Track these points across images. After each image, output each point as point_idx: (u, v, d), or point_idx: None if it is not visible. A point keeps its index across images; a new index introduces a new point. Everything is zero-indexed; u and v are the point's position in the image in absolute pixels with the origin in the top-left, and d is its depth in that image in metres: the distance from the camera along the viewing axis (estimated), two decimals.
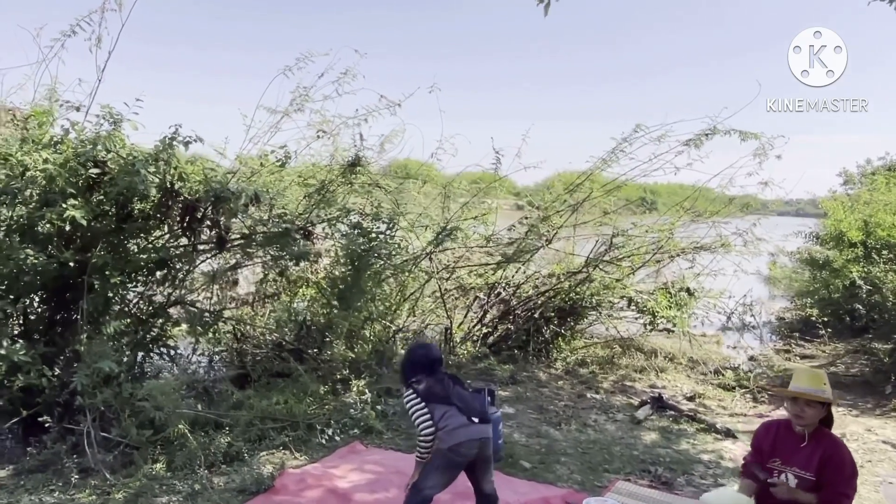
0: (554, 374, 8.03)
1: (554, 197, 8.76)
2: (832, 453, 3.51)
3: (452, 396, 3.58)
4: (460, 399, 3.61)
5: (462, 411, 3.54)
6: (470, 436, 3.51)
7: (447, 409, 3.52)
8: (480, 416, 3.62)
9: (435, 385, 3.59)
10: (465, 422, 3.51)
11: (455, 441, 3.46)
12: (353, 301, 6.62)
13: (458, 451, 3.48)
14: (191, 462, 4.68)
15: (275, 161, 6.29)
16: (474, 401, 3.72)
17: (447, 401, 3.55)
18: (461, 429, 3.49)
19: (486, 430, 3.62)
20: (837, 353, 9.88)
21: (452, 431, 3.46)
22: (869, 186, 15.11)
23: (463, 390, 3.73)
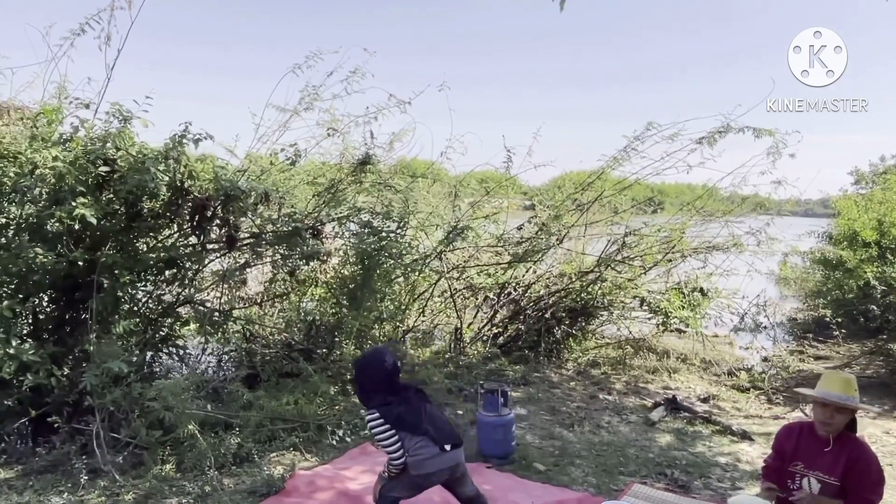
0: (566, 375, 7.95)
1: (565, 196, 8.67)
2: (858, 458, 3.42)
3: (424, 422, 3.38)
4: (433, 424, 3.42)
5: (435, 441, 3.37)
6: (441, 465, 3.39)
7: (419, 440, 3.35)
8: (453, 441, 3.46)
9: (404, 412, 3.36)
10: (436, 452, 3.37)
11: (425, 471, 3.35)
12: (363, 301, 6.56)
13: (427, 478, 3.40)
14: (200, 463, 4.63)
15: (285, 159, 6.23)
16: (446, 424, 3.53)
17: (418, 429, 3.36)
18: (432, 459, 3.36)
19: (457, 455, 3.47)
20: (852, 355, 9.74)
21: (423, 462, 3.34)
22: (882, 185, 14.95)
23: (434, 410, 3.53)
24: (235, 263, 6.45)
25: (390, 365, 3.48)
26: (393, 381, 3.46)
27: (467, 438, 5.50)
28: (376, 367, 3.47)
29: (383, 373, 3.44)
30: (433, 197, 8.51)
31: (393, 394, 3.40)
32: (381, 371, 3.44)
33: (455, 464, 3.46)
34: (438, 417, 3.53)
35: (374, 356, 3.58)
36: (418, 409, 3.42)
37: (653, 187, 10.45)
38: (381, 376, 3.43)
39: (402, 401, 3.40)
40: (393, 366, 3.49)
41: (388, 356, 3.53)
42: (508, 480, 4.64)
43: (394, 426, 3.30)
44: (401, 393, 3.46)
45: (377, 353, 3.61)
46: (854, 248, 11.54)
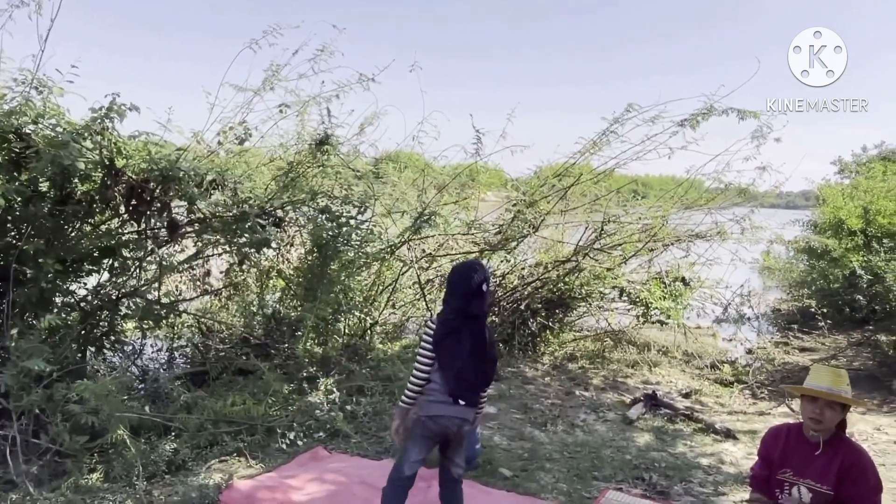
0: (541, 370, 7.55)
1: (541, 181, 8.24)
2: (852, 463, 3.06)
3: (455, 367, 3.19)
4: (463, 371, 3.21)
5: (451, 384, 3.19)
6: (449, 413, 3.22)
7: (439, 379, 3.21)
8: (469, 399, 3.27)
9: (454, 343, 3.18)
10: (447, 398, 3.21)
11: (430, 413, 3.21)
12: (321, 292, 6.10)
13: (435, 422, 3.22)
14: (129, 472, 4.16)
15: (234, 139, 5.73)
16: (476, 380, 3.29)
17: (451, 368, 3.19)
18: (441, 405, 3.22)
19: (467, 412, 3.28)
20: (839, 346, 9.45)
21: (430, 403, 3.21)
22: (866, 174, 14.74)
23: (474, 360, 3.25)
24: (182, 250, 5.97)
25: (475, 284, 3.25)
26: (470, 300, 3.23)
27: None
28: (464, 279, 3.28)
29: (465, 286, 3.25)
30: (405, 185, 8.07)
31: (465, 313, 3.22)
32: (469, 283, 3.25)
33: (463, 418, 3.28)
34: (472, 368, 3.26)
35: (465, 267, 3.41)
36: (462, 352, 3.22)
37: (637, 179, 10.09)
38: (462, 288, 3.26)
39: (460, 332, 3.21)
40: (476, 286, 3.25)
41: (477, 274, 3.30)
42: (470, 489, 4.18)
43: (435, 343, 3.20)
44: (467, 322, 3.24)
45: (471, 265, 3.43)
46: (839, 237, 11.30)
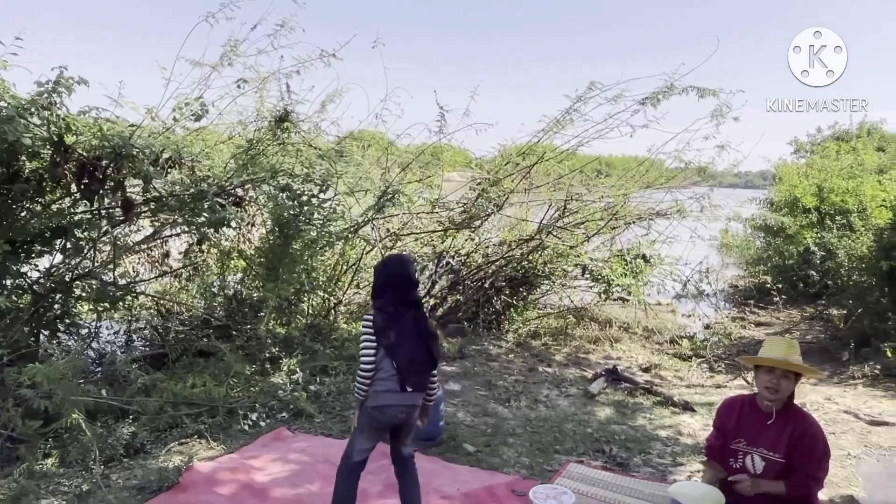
0: (505, 347, 7.61)
1: (505, 160, 8.24)
2: (803, 432, 3.17)
3: (400, 353, 3.15)
4: (412, 356, 3.18)
5: (400, 372, 3.14)
6: (396, 401, 3.19)
7: (387, 366, 3.14)
8: (417, 385, 3.23)
9: (395, 331, 3.15)
10: (395, 389, 3.16)
11: (379, 403, 3.17)
12: (283, 272, 6.01)
13: (382, 412, 3.19)
14: (85, 457, 4.07)
15: (190, 115, 5.57)
16: (418, 362, 3.24)
17: (394, 352, 3.14)
18: (389, 394, 3.16)
19: (416, 398, 3.27)
20: (793, 321, 9.74)
21: (379, 394, 3.16)
22: (821, 154, 15.13)
23: (420, 341, 3.23)
24: (138, 230, 5.81)
25: (408, 278, 3.28)
26: (406, 293, 3.25)
27: None
28: (395, 272, 3.28)
29: (396, 280, 3.24)
30: (368, 162, 7.98)
31: (399, 303, 3.21)
32: (399, 278, 3.25)
33: (411, 405, 3.26)
34: (418, 353, 3.23)
35: (400, 260, 3.50)
36: (406, 333, 3.19)
37: (600, 160, 10.17)
38: (396, 282, 3.24)
39: (399, 319, 3.18)
40: (411, 280, 3.29)
41: (408, 268, 3.34)
42: (434, 465, 4.24)
43: (377, 336, 3.14)
44: (404, 310, 3.22)
45: (402, 260, 3.50)
46: (794, 215, 11.59)
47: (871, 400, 5.94)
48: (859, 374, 6.62)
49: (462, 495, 3.71)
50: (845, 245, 9.82)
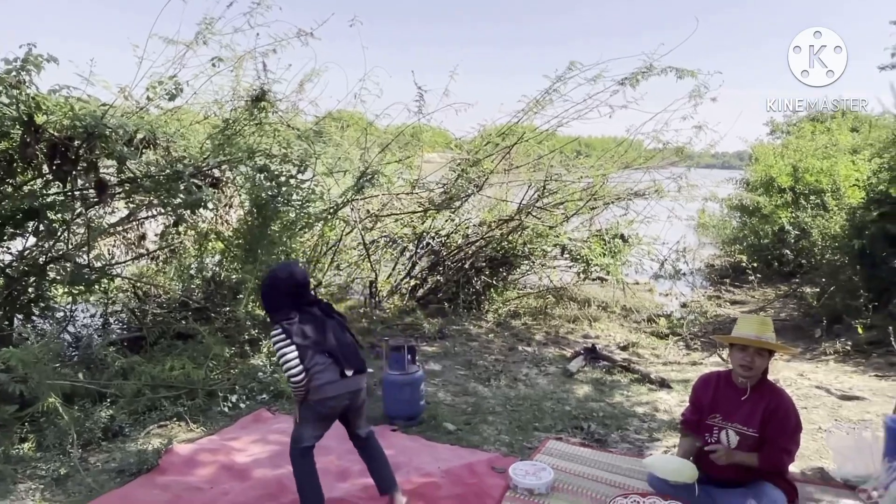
0: (485, 328, 7.65)
1: (485, 140, 8.22)
2: (776, 407, 3.24)
3: (328, 342, 3.14)
4: (339, 345, 3.19)
5: (337, 362, 3.15)
6: (339, 390, 3.16)
7: (320, 361, 3.10)
8: (356, 366, 3.23)
9: (310, 327, 3.12)
10: (335, 378, 3.14)
11: (323, 396, 3.12)
12: (262, 254, 5.96)
13: (325, 405, 3.16)
14: (63, 441, 4.04)
15: (164, 94, 5.47)
16: (350, 346, 3.27)
17: (322, 348, 3.12)
18: (333, 384, 3.13)
19: (359, 381, 3.27)
20: (767, 299, 9.91)
21: (323, 386, 3.11)
22: (796, 134, 15.31)
23: (339, 330, 3.25)
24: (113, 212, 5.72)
25: (299, 277, 3.23)
26: (300, 295, 3.20)
27: (374, 399, 5.12)
28: (283, 280, 3.19)
29: (290, 286, 3.18)
30: (347, 142, 7.91)
31: (299, 308, 3.16)
32: (288, 284, 3.18)
33: (357, 389, 3.25)
34: (343, 338, 3.26)
35: (282, 269, 3.29)
36: (323, 327, 3.19)
37: (580, 140, 10.19)
38: (288, 289, 3.17)
39: (308, 316, 3.16)
40: (302, 279, 3.25)
41: (295, 269, 3.31)
42: (415, 443, 4.28)
43: (295, 341, 3.07)
44: (307, 308, 3.20)
45: (285, 267, 3.34)
46: (770, 194, 11.74)
47: (842, 375, 6.08)
48: (831, 351, 6.77)
49: (443, 473, 3.75)
50: (819, 224, 9.99)
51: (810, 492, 3.66)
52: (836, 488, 3.77)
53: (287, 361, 3.04)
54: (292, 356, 3.03)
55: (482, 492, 3.53)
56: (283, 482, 3.63)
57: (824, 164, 11.03)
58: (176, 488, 3.57)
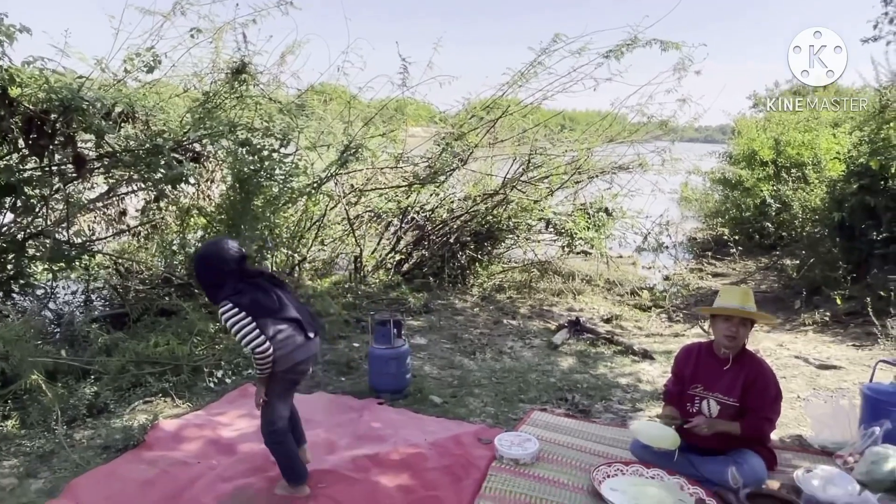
0: (470, 302, 7.68)
1: (469, 114, 8.17)
2: (756, 377, 3.32)
3: (285, 308, 3.05)
4: (294, 305, 3.13)
5: (300, 326, 3.09)
6: (308, 353, 3.12)
7: (282, 327, 3.01)
8: (315, 328, 3.20)
9: (262, 297, 2.99)
10: (303, 341, 3.09)
11: (293, 362, 3.05)
12: (245, 229, 5.91)
13: (296, 370, 3.11)
14: (47, 418, 4.02)
15: (142, 66, 5.35)
16: (305, 309, 3.23)
17: (281, 315, 3.02)
18: (299, 349, 3.07)
19: (318, 344, 3.26)
20: (748, 271, 10.04)
21: (291, 353, 3.03)
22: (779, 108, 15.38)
23: (290, 295, 3.18)
24: (92, 187, 5.63)
25: (235, 251, 3.05)
26: (242, 268, 3.04)
27: (360, 373, 5.15)
28: (219, 256, 3.01)
29: (228, 260, 3.00)
30: (330, 116, 7.82)
31: (242, 282, 3.00)
32: (226, 259, 3.00)
33: (316, 352, 3.24)
34: (295, 301, 3.20)
35: (215, 245, 3.11)
36: (276, 295, 3.07)
37: (564, 114, 10.17)
38: (226, 265, 2.99)
39: (254, 287, 3.01)
40: (238, 252, 3.06)
41: (229, 243, 3.09)
42: (401, 416, 4.31)
43: (250, 313, 2.91)
44: (252, 279, 3.06)
45: (218, 242, 3.14)
46: (752, 168, 11.82)
47: (821, 345, 6.20)
48: (810, 321, 6.89)
49: (430, 444, 3.78)
50: (800, 197, 10.10)
51: (788, 458, 3.74)
52: (814, 454, 3.86)
53: (247, 335, 2.88)
54: (251, 328, 2.89)
55: (468, 462, 3.58)
56: (271, 456, 3.65)
57: (806, 137, 11.10)
58: (163, 463, 3.57)
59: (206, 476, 3.41)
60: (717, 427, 3.26)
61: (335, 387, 4.90)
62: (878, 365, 4.14)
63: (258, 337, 2.89)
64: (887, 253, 6.98)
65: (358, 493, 3.23)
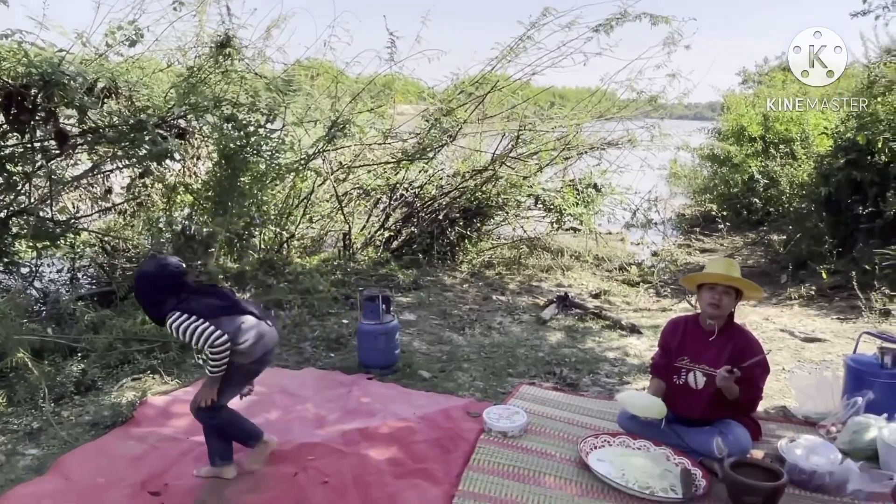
0: (459, 278, 7.69)
1: (458, 89, 8.10)
2: (742, 348, 3.35)
3: (241, 304, 3.03)
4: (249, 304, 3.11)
5: (259, 318, 3.06)
6: (274, 341, 3.12)
7: (244, 318, 2.98)
8: (272, 321, 3.21)
9: (212, 300, 2.94)
10: (268, 329, 3.08)
11: (264, 350, 3.04)
12: (232, 206, 5.87)
13: (262, 360, 3.09)
14: (34, 395, 4.00)
15: (124, 40, 5.25)
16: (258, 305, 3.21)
17: (238, 309, 2.98)
18: (267, 338, 3.05)
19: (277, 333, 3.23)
20: (735, 246, 10.11)
21: (260, 342, 3.00)
22: (768, 83, 15.36)
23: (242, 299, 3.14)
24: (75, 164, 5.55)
25: (175, 266, 2.94)
26: (185, 283, 2.95)
27: (349, 349, 5.16)
28: (161, 273, 2.90)
29: (171, 275, 2.90)
30: (317, 91, 7.73)
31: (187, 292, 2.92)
32: (168, 274, 2.90)
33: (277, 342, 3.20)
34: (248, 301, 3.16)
35: (154, 262, 2.99)
36: (228, 295, 3.06)
37: (553, 91, 10.12)
38: (170, 280, 2.89)
39: (202, 294, 2.97)
40: (178, 266, 2.96)
41: (168, 259, 3.01)
42: (391, 391, 4.33)
43: (202, 316, 2.82)
44: (204, 289, 3.05)
45: (156, 259, 3.02)
46: (741, 143, 11.83)
47: (806, 318, 6.27)
48: (796, 295, 6.96)
49: (419, 418, 3.81)
50: (787, 173, 10.13)
51: (772, 428, 3.80)
52: (798, 425, 3.92)
53: (202, 333, 2.77)
54: (205, 325, 2.79)
55: (457, 435, 3.60)
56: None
57: (794, 113, 11.10)
58: (152, 439, 3.57)
59: (195, 451, 3.42)
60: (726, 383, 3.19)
61: (324, 363, 4.92)
62: (861, 337, 4.19)
63: (214, 332, 2.78)
64: (872, 227, 7.04)
65: (347, 465, 3.25)
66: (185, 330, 2.78)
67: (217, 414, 3.07)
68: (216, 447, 3.15)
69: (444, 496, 3.02)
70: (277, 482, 3.14)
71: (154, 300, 2.88)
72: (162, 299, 2.85)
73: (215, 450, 3.15)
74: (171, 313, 2.81)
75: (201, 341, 2.78)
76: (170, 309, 2.82)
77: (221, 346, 2.80)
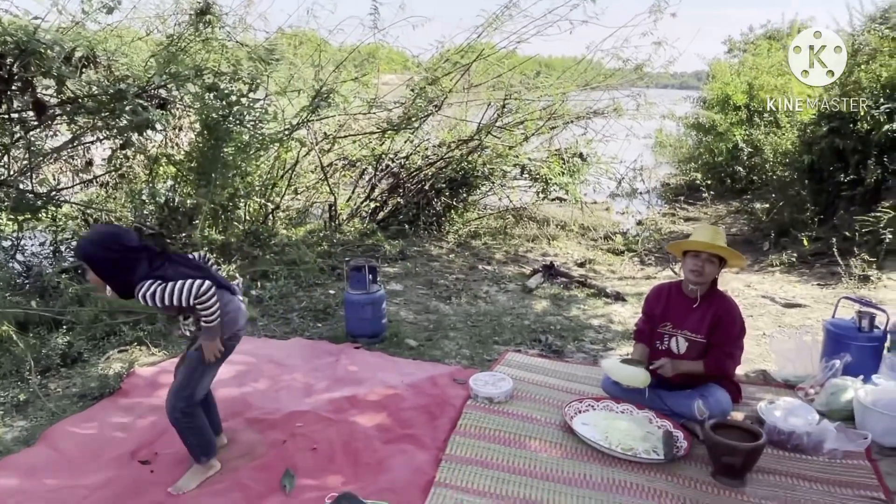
0: (445, 248, 7.71)
1: (443, 58, 8.01)
2: (723, 314, 3.40)
3: (209, 272, 2.82)
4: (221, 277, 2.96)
5: (231, 291, 2.89)
6: (245, 316, 2.97)
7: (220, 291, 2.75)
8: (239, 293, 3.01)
9: (183, 266, 2.70)
10: (239, 302, 2.92)
11: (236, 328, 2.88)
12: (215, 177, 5.81)
13: (236, 336, 2.92)
14: (20, 368, 4.00)
15: (101, 7, 5.13)
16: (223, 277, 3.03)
17: (210, 279, 2.68)
18: (240, 312, 2.90)
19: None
20: (719, 215, 10.19)
21: (235, 317, 2.85)
22: (753, 52, 15.32)
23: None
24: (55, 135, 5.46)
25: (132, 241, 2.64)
26: (148, 249, 2.69)
27: (336, 318, 5.18)
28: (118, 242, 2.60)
29: (132, 244, 2.63)
30: (301, 60, 7.61)
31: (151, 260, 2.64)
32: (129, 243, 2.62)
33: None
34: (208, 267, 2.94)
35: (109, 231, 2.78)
36: (199, 262, 2.87)
37: (540, 61, 10.03)
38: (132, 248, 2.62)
39: (171, 260, 2.70)
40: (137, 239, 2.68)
41: (122, 228, 2.82)
42: (378, 359, 4.37)
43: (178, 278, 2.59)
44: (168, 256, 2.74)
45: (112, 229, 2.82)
46: (725, 112, 11.85)
47: (787, 285, 6.37)
48: (777, 262, 7.06)
49: (406, 386, 3.85)
50: (771, 141, 10.18)
51: (752, 391, 3.89)
52: (777, 387, 4.02)
53: (181, 289, 2.53)
54: (182, 283, 2.55)
55: (444, 402, 3.65)
56: (248, 400, 3.70)
57: (779, 81, 11.11)
58: (140, 409, 3.59)
59: None
60: (680, 368, 3.37)
61: (311, 333, 4.94)
62: (840, 302, 4.27)
63: (194, 282, 2.55)
64: (853, 195, 7.13)
65: (335, 432, 3.29)
66: (161, 296, 2.53)
67: (191, 405, 2.84)
68: (195, 442, 2.92)
69: (432, 461, 3.07)
70: (267, 449, 3.17)
71: (117, 271, 2.61)
72: (130, 270, 2.59)
73: (195, 446, 2.93)
74: (141, 284, 2.56)
75: (183, 296, 2.53)
76: (140, 279, 2.58)
77: (207, 291, 2.58)
